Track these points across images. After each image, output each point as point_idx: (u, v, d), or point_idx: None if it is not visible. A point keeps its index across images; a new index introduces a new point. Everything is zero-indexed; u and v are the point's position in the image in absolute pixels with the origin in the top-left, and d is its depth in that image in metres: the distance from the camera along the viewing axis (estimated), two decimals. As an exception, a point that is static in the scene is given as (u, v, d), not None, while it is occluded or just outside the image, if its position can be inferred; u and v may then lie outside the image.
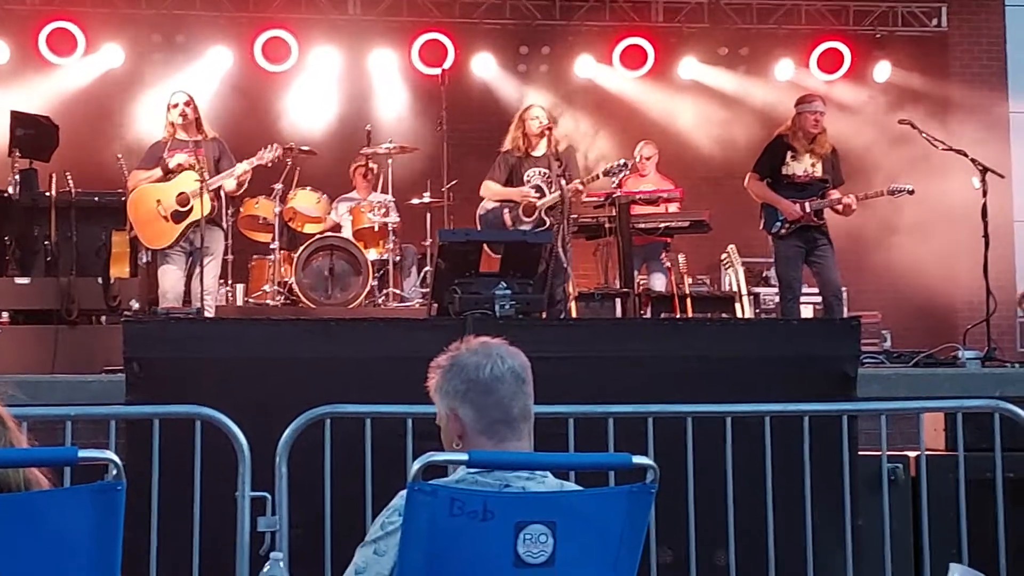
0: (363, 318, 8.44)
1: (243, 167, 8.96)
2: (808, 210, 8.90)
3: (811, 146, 9.02)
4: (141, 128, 11.48)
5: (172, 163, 8.85)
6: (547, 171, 9.05)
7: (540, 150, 9.14)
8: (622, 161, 9.39)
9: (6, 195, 8.97)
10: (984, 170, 8.59)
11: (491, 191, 9.27)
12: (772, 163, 9.09)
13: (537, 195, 9.05)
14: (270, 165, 9.27)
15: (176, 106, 9.03)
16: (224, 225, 9.39)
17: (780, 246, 9.10)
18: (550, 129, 9.08)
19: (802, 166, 9.01)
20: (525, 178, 9.13)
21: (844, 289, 9.29)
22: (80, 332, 8.39)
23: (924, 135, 9.14)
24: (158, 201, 8.84)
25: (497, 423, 3.08)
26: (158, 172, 8.91)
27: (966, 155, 8.79)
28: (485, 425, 3.07)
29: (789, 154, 9.01)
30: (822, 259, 8.99)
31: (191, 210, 8.76)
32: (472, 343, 3.17)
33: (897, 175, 11.31)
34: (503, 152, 9.34)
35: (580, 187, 9.03)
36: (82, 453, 2.69)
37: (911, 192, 9.31)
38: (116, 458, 2.71)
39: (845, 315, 8.84)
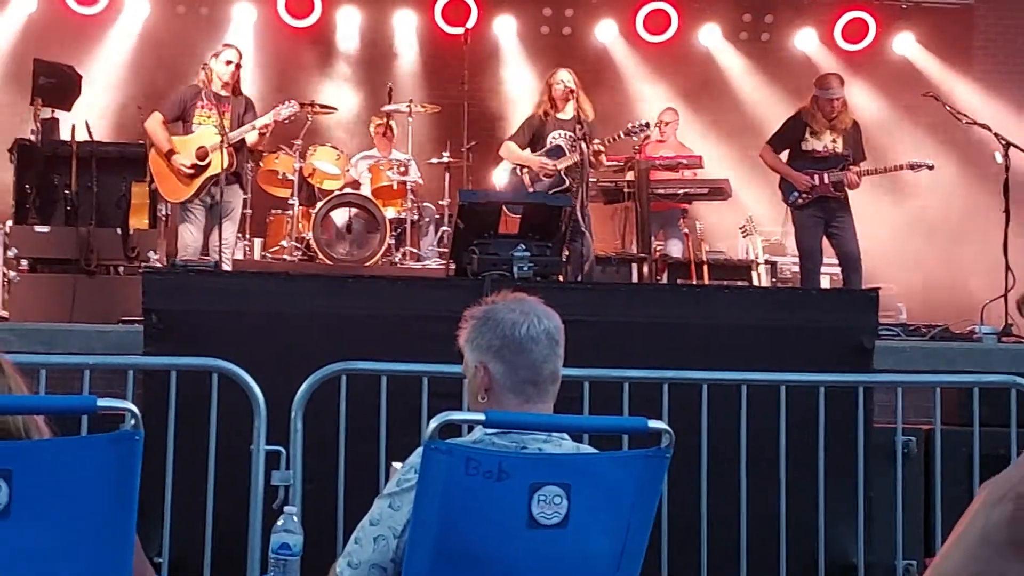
0: (381, 275, 8.44)
1: (264, 120, 8.94)
2: (826, 181, 8.89)
3: (831, 123, 8.99)
4: (164, 79, 11.46)
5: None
6: (571, 133, 9.02)
7: (567, 114, 9.10)
8: (644, 121, 9.37)
9: (27, 143, 8.97)
10: (1007, 145, 8.54)
11: (510, 153, 9.25)
12: (791, 138, 9.09)
13: (554, 163, 9.02)
14: (288, 122, 9.25)
15: (230, 63, 8.96)
16: (245, 182, 9.39)
17: (799, 216, 9.10)
18: (572, 92, 9.04)
19: (822, 142, 8.99)
20: (548, 140, 9.10)
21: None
22: (98, 282, 8.40)
23: (947, 108, 9.10)
24: (177, 155, 8.84)
25: (526, 383, 3.06)
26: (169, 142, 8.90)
27: (989, 129, 8.76)
28: (514, 383, 3.06)
29: (808, 131, 8.99)
30: (841, 230, 8.98)
31: (209, 164, 8.76)
32: (509, 298, 3.14)
33: (919, 148, 11.27)
34: (529, 116, 9.33)
35: (601, 148, 9.01)
36: (101, 402, 2.68)
37: (931, 167, 9.30)
38: (135, 408, 2.72)
39: (863, 286, 8.79)
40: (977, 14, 13.39)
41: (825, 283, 9.75)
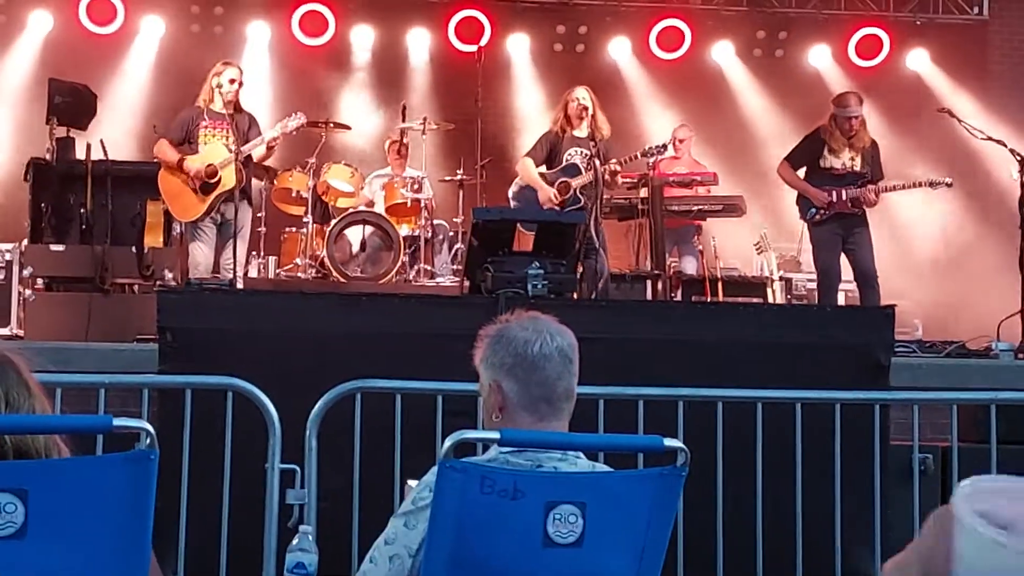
0: (394, 293, 8.44)
1: (272, 134, 8.96)
2: (844, 197, 8.87)
3: (849, 141, 8.98)
4: (179, 98, 11.48)
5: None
6: (587, 151, 9.03)
7: (583, 131, 9.12)
8: (661, 143, 9.38)
9: (43, 162, 9.00)
10: (1023, 160, 8.53)
11: (526, 172, 9.26)
12: (809, 155, 9.07)
13: (559, 197, 9.01)
14: (295, 134, 9.24)
15: (234, 81, 8.96)
16: (253, 200, 9.39)
17: (816, 233, 9.08)
18: (586, 110, 9.05)
19: (840, 160, 8.97)
20: (565, 157, 9.12)
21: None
22: (113, 300, 8.43)
23: (963, 124, 9.09)
24: (188, 162, 8.85)
25: (539, 401, 3.06)
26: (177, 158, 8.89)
27: (1005, 145, 8.75)
28: (528, 401, 3.05)
29: (826, 148, 8.97)
30: (858, 247, 8.96)
31: (219, 182, 8.77)
32: (522, 317, 3.14)
33: (935, 165, 11.24)
34: (547, 131, 9.34)
35: (617, 168, 9.01)
36: (117, 422, 2.68)
37: (949, 185, 9.28)
38: (150, 427, 2.72)
39: (880, 303, 8.77)
40: (991, 29, 13.37)
41: (841, 300, 9.71)
